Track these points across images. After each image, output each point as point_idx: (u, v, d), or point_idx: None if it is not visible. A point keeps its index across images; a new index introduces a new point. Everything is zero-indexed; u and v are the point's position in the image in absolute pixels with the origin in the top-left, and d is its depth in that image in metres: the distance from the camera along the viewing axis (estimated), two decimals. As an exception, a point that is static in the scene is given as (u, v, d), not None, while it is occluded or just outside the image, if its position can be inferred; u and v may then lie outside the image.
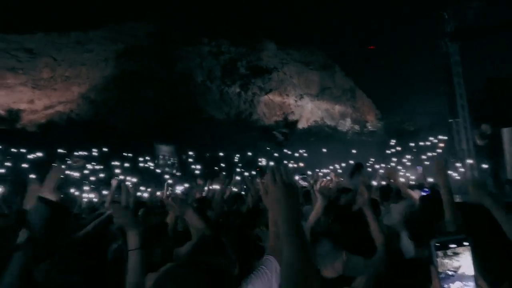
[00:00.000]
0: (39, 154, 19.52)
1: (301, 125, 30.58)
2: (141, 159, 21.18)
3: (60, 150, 20.58)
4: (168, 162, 21.87)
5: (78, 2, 23.32)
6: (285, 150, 25.40)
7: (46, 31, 24.91)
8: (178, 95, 25.81)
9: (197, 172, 20.94)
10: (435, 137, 23.54)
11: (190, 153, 21.87)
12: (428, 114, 29.45)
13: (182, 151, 21.78)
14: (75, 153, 20.45)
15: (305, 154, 25.27)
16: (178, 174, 21.10)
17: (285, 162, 25.30)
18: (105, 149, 21.33)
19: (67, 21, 24.28)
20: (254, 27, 27.56)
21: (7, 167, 17.98)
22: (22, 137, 21.41)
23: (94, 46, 26.63)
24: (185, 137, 22.83)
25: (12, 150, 19.42)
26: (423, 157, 21.49)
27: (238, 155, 23.24)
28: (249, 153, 23.74)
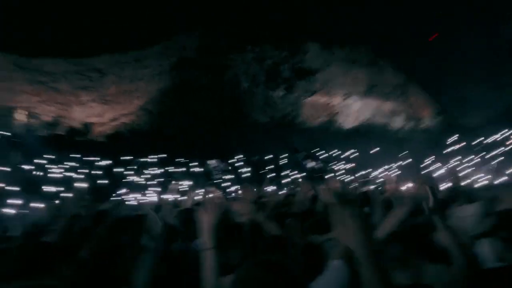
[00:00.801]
0: (108, 161, 22.15)
1: (348, 125, 30.01)
2: (193, 164, 22.79)
3: (125, 157, 23.02)
4: (219, 166, 23.18)
5: (135, 23, 25.83)
6: (331, 152, 25.23)
7: (111, 52, 28.03)
8: (225, 102, 27.15)
9: (245, 176, 21.95)
10: (503, 133, 21.52)
11: (238, 157, 22.97)
12: (493, 107, 26.86)
13: (230, 156, 22.98)
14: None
15: (354, 155, 24.85)
16: (227, 178, 22.28)
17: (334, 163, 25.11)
18: (162, 156, 23.40)
19: (126, 41, 27.05)
20: (296, 29, 27.76)
21: (83, 173, 20.71)
22: (93, 146, 24.46)
23: (150, 62, 29.23)
24: (232, 142, 23.98)
25: (87, 158, 22.21)
26: (489, 155, 19.83)
27: (284, 158, 23.75)
28: (297, 156, 24.11)
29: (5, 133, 22.20)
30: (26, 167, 20.38)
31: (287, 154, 24.05)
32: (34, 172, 20.49)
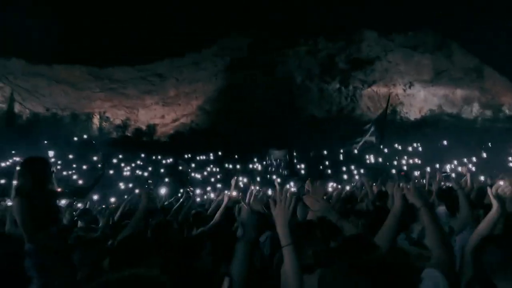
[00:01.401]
0: (170, 159, 23.50)
1: (413, 115, 27.73)
2: (249, 160, 23.05)
3: (186, 155, 24.18)
4: (276, 162, 23.14)
5: (190, 29, 27.10)
6: (395, 145, 23.58)
7: (170, 57, 29.79)
8: (280, 98, 27.04)
9: (302, 171, 21.54)
10: None
11: (295, 153, 22.65)
12: None
13: (288, 151, 22.75)
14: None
15: (419, 149, 22.91)
16: (285, 173, 22.13)
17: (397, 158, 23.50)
18: (220, 153, 24.09)
19: (184, 46, 28.46)
20: (350, 18, 26.56)
21: (149, 171, 22.23)
22: (157, 146, 26.17)
23: (206, 64, 30.40)
24: (289, 137, 23.75)
25: (152, 157, 23.80)
26: None
27: (342, 152, 22.80)
28: (355, 151, 22.96)
29: (85, 136, 24.89)
30: (101, 165, 22.25)
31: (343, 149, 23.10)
32: (108, 170, 22.33)
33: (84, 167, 20.69)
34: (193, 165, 25.15)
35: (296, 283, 1.25)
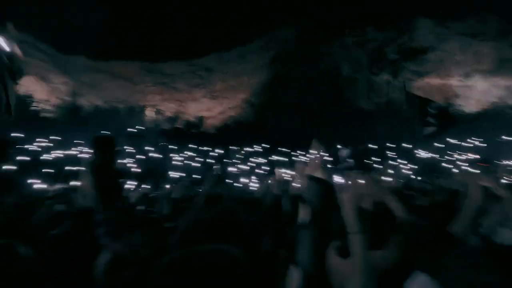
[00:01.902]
0: (219, 151, 24.42)
1: (469, 108, 26.05)
2: (295, 153, 23.28)
3: (232, 147, 24.95)
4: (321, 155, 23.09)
5: (237, 22, 27.57)
6: (450, 140, 22.44)
7: (218, 50, 30.67)
8: (326, 91, 26.78)
9: (349, 166, 21.35)
10: None
11: (340, 146, 22.47)
12: None
13: (332, 145, 22.64)
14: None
15: (476, 143, 21.62)
16: (329, 167, 22.08)
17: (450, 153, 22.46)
18: (265, 146, 24.58)
19: (231, 39, 29.09)
20: (402, 5, 25.38)
21: (199, 162, 23.29)
22: (206, 138, 27.32)
23: (252, 57, 30.86)
24: (334, 131, 23.56)
25: (201, 148, 24.88)
26: None
27: (392, 147, 22.23)
28: (405, 144, 22.27)
29: (140, 127, 26.70)
30: (155, 155, 23.68)
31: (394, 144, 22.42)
32: (161, 160, 23.70)
33: (139, 156, 22.18)
34: (239, 157, 25.83)
35: (363, 276, 1.08)
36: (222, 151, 25.40)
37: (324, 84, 27.13)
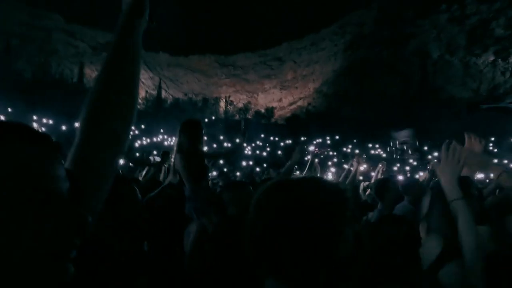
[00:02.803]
0: (288, 141, 23.75)
1: None
2: (370, 145, 21.19)
3: (302, 138, 24.06)
4: (402, 148, 20.62)
5: (311, 7, 26.23)
6: None
7: (289, 40, 29.74)
8: (410, 77, 23.66)
9: (435, 160, 18.41)
10: None
11: (426, 139, 19.54)
12: None
13: (417, 137, 19.84)
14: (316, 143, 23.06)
15: None
16: (412, 161, 19.41)
17: None
18: (337, 137, 22.96)
19: (303, 26, 27.87)
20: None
21: (267, 152, 22.98)
22: (275, 128, 26.87)
23: (325, 44, 29.11)
24: (420, 122, 20.67)
25: (270, 138, 24.57)
26: None
27: (492, 141, 18.37)
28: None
29: (214, 117, 27.63)
30: (228, 144, 24.20)
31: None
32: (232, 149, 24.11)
33: (214, 145, 22.89)
34: (309, 148, 24.66)
35: (471, 238, 1.17)
36: (291, 141, 24.66)
37: (408, 69, 23.91)
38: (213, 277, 1.78)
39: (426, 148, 19.65)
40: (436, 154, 18.86)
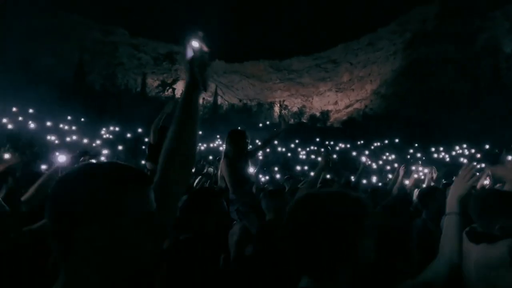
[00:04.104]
0: (344, 145, 23.62)
1: None
2: (433, 149, 20.25)
3: (359, 142, 23.75)
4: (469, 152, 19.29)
5: (367, 7, 25.77)
6: None
7: (345, 41, 29.45)
8: (479, 74, 22.11)
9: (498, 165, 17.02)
10: None
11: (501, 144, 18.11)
12: None
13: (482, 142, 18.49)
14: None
15: None
16: (478, 167, 18.10)
17: None
18: (396, 140, 22.29)
19: (359, 27, 27.49)
20: None
21: (323, 156, 23.08)
22: (331, 132, 26.78)
23: (383, 43, 28.29)
24: (490, 125, 19.30)
25: (326, 142, 24.58)
26: None
27: None
28: None
29: (268, 122, 28.42)
30: (281, 149, 24.69)
31: None
32: (288, 154, 24.57)
33: (267, 150, 23.53)
34: (366, 152, 24.40)
35: (447, 251, 1.16)
36: (347, 146, 24.49)
37: (475, 66, 22.29)
38: (255, 275, 1.84)
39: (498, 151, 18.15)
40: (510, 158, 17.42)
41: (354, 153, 23.63)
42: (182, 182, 0.89)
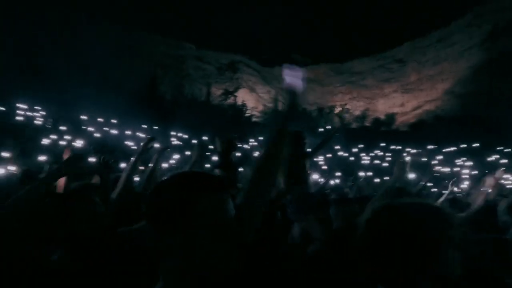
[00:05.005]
0: (412, 150, 22.03)
1: None
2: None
3: (430, 146, 21.96)
4: None
5: (437, 1, 23.85)
6: None
7: (411, 39, 27.61)
8: None
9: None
10: None
11: None
12: None
13: None
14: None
15: None
16: None
17: None
18: (475, 144, 20.10)
19: (427, 22, 25.57)
20: None
21: (388, 161, 21.88)
22: (397, 136, 25.19)
23: (456, 38, 25.83)
24: None
25: (392, 147, 23.25)
26: None
27: None
28: None
29: (328, 127, 27.86)
30: (344, 154, 24.04)
31: None
32: (350, 158, 23.83)
33: (328, 155, 23.12)
34: (438, 157, 22.55)
35: None
36: (417, 151, 22.88)
37: None
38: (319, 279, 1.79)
39: None
40: None
41: (424, 159, 22.02)
42: (267, 192, 1.02)
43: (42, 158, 5.62)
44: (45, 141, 8.28)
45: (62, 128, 10.59)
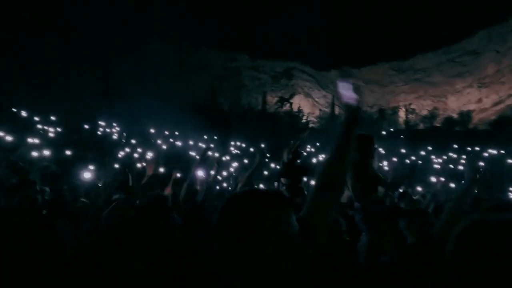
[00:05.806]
0: (493, 151, 19.62)
1: None
2: None
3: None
4: None
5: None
6: None
7: (485, 27, 24.79)
8: None
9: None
10: None
11: None
12: None
13: None
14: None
15: None
16: None
17: None
18: None
19: (506, 9, 22.72)
20: None
21: (463, 165, 19.77)
22: (474, 135, 22.63)
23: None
24: None
25: (467, 148, 20.98)
26: None
27: None
28: None
29: (392, 129, 26.19)
30: (412, 158, 22.44)
31: None
32: (419, 162, 22.14)
33: (394, 159, 21.73)
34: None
35: None
36: (498, 152, 20.39)
37: None
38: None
39: None
40: None
41: (510, 161, 19.48)
42: (334, 203, 0.99)
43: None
44: (120, 154, 9.13)
45: (133, 141, 11.60)
